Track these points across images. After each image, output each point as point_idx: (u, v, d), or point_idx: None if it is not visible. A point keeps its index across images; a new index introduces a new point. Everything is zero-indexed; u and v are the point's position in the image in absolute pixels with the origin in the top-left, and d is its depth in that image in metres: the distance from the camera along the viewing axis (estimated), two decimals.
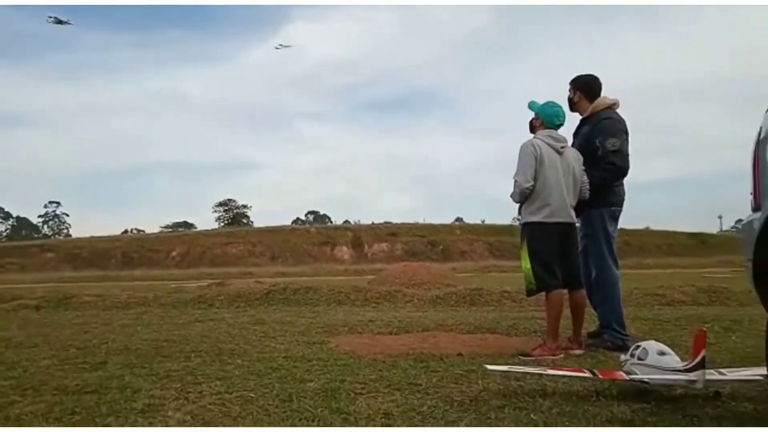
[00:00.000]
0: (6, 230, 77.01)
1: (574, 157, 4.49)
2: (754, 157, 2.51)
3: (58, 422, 2.66)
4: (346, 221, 61.94)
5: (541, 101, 4.61)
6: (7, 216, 77.35)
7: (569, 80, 4.98)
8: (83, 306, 9.40)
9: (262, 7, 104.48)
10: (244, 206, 72.98)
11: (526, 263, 4.34)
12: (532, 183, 4.32)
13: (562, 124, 4.56)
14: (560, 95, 4.92)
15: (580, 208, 4.58)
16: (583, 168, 4.54)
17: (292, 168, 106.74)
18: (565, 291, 4.39)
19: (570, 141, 4.73)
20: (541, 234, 4.32)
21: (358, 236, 51.56)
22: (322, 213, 79.55)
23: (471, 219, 61.02)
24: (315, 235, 52.37)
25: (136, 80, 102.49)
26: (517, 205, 4.53)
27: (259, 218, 73.77)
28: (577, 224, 4.65)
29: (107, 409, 2.83)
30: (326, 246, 49.91)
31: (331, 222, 70.15)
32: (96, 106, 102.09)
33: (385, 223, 56.01)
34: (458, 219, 63.79)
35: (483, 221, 56.97)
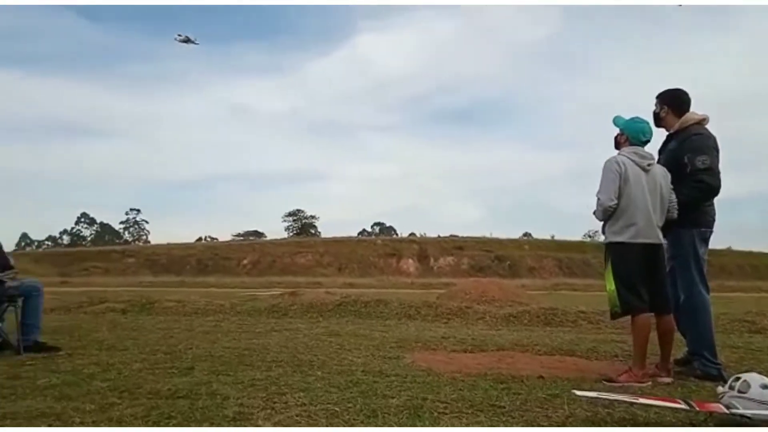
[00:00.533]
0: (91, 235, 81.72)
1: (662, 175, 4.33)
2: None
3: (157, 426, 2.79)
4: (412, 233, 62.10)
5: (625, 116, 4.48)
6: (92, 222, 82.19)
7: (656, 94, 4.80)
8: (165, 311, 9.84)
9: (329, 19, 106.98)
10: (312, 216, 74.43)
11: (610, 285, 4.21)
12: (616, 201, 4.20)
13: (648, 141, 4.41)
14: (630, 106, 4.80)
15: (668, 228, 4.41)
16: (671, 186, 4.37)
17: (359, 179, 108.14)
18: (652, 315, 4.22)
19: (656, 158, 4.57)
20: (626, 255, 4.19)
21: (424, 249, 51.51)
22: (387, 225, 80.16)
23: (539, 234, 59.96)
24: (381, 246, 52.71)
25: (210, 92, 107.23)
26: (601, 223, 4.42)
27: (327, 228, 74.87)
28: (665, 245, 4.48)
29: (201, 415, 2.95)
30: (392, 258, 50.12)
31: (397, 234, 70.54)
32: (171, 117, 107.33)
33: (451, 236, 55.74)
34: (526, 234, 62.81)
35: (552, 237, 55.87)
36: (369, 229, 78.90)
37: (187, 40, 43.26)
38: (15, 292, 5.11)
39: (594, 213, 4.39)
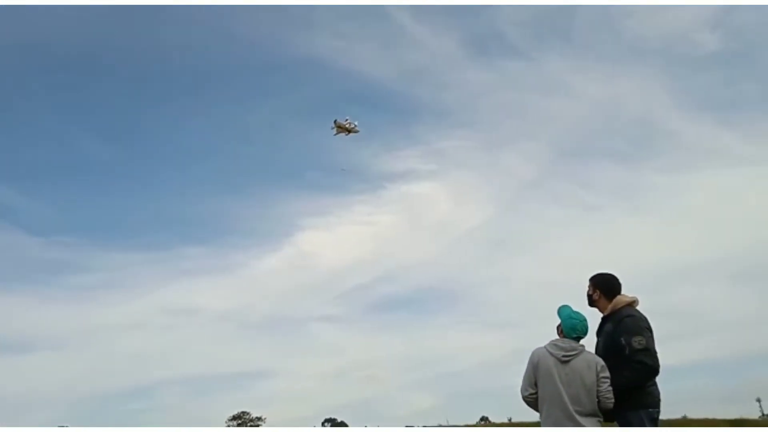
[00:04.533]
0: None
1: (585, 366, 4.44)
2: None
3: None
4: (365, 426, 58.71)
5: (566, 301, 4.74)
6: None
7: (589, 277, 5.06)
8: None
9: (274, 220, 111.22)
10: (258, 418, 69.69)
11: None
12: (531, 391, 4.39)
13: (580, 337, 4.60)
14: (564, 283, 5.05)
15: (616, 412, 4.44)
16: (604, 376, 4.44)
17: (306, 374, 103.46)
18: None
19: (594, 339, 4.73)
20: None
21: None
22: (339, 420, 75.78)
23: (497, 417, 57.70)
24: None
25: (150, 296, 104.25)
26: None
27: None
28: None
29: None
30: None
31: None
32: (108, 325, 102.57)
33: (407, 426, 52.94)
34: (483, 418, 60.41)
35: (509, 419, 53.71)
36: (320, 427, 74.27)
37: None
38: None
39: None
